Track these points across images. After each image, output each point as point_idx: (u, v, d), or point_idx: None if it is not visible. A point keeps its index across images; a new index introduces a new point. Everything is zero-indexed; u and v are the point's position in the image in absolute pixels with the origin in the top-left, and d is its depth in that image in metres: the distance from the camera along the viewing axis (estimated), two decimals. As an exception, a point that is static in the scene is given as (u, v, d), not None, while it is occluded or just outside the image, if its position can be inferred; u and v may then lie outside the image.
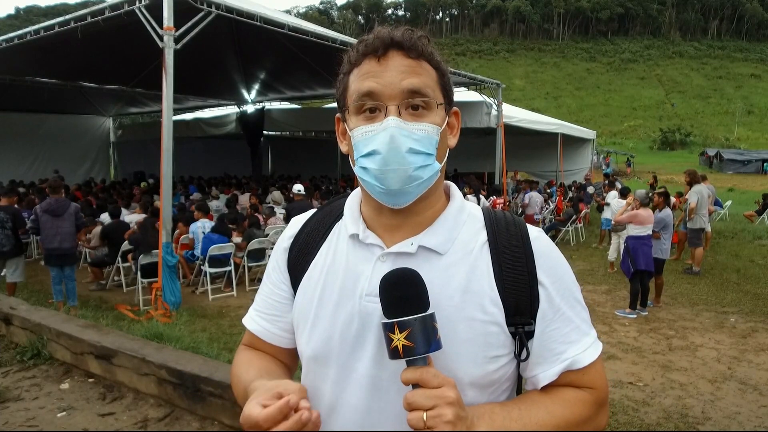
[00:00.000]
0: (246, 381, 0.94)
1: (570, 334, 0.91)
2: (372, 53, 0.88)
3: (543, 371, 0.91)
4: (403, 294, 0.80)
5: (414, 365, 0.78)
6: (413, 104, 0.87)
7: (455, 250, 0.91)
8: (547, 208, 12.77)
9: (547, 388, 0.92)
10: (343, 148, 0.97)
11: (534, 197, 11.87)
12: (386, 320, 0.79)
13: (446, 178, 1.01)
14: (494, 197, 10.73)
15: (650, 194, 7.04)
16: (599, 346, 0.94)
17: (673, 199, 8.45)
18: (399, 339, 0.77)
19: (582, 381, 0.92)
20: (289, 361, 1.06)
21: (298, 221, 1.06)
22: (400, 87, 0.86)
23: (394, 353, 0.78)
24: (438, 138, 0.89)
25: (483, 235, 0.94)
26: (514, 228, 0.95)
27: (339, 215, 1.01)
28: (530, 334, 0.89)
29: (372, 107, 0.88)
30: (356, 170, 0.91)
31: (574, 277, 0.96)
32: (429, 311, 0.80)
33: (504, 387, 0.92)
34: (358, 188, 0.99)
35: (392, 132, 0.85)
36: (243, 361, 1.03)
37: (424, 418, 0.75)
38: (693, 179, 8.86)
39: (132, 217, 8.51)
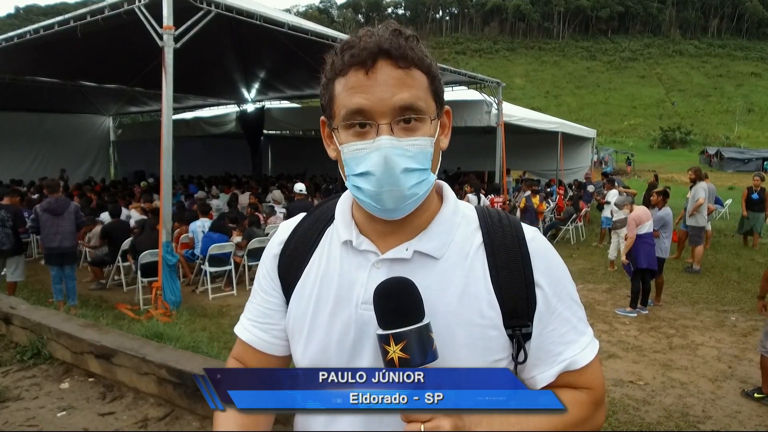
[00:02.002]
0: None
1: (567, 335, 0.91)
2: (359, 65, 0.82)
3: (541, 373, 0.90)
4: (398, 304, 0.79)
5: None
6: (405, 119, 0.83)
7: (451, 254, 0.90)
8: (547, 206, 12.77)
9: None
10: (330, 153, 0.93)
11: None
12: (381, 332, 0.78)
13: (448, 177, 1.00)
14: (492, 196, 10.72)
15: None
16: (596, 345, 0.94)
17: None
18: (395, 351, 0.77)
19: (579, 381, 0.91)
20: None
21: (288, 226, 1.03)
22: (392, 103, 0.81)
23: (389, 365, 0.77)
24: (432, 149, 0.86)
25: (478, 237, 0.92)
26: (510, 228, 0.93)
27: (330, 219, 0.99)
28: (527, 336, 0.88)
29: (362, 123, 0.83)
30: (349, 187, 0.88)
31: (570, 275, 0.95)
32: (424, 321, 0.78)
33: None
34: (348, 191, 0.96)
35: (386, 153, 0.81)
36: None
37: (422, 429, 0.75)
38: (698, 176, 8.90)
39: (132, 213, 8.55)
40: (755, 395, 4.36)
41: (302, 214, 1.05)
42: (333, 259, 0.94)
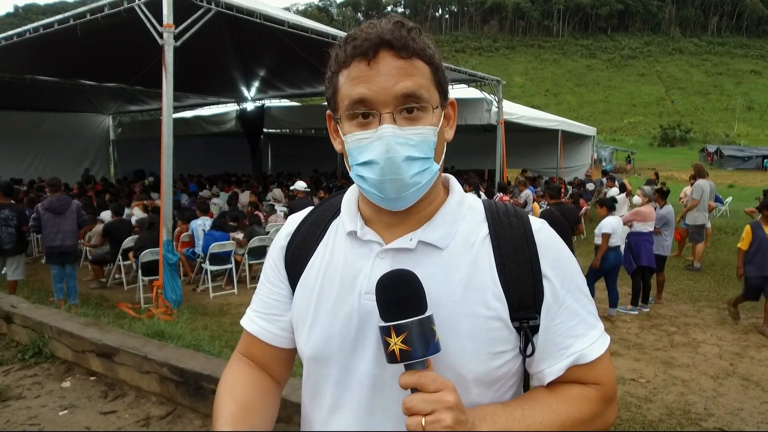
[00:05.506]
0: (221, 416, 0.93)
1: (576, 328, 0.89)
2: (361, 56, 0.83)
3: (549, 366, 0.89)
4: (399, 296, 0.78)
5: (412, 369, 0.76)
6: (408, 108, 0.83)
7: (456, 244, 0.89)
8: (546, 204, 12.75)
9: (552, 386, 0.90)
10: (336, 146, 0.93)
11: (530, 197, 11.90)
12: (383, 324, 0.78)
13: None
14: (500, 194, 10.68)
15: (652, 190, 7.06)
16: (607, 340, 0.92)
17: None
18: (396, 343, 0.76)
19: (589, 376, 0.90)
20: (283, 368, 1.04)
21: (295, 219, 1.04)
22: (394, 92, 0.82)
23: (391, 357, 0.76)
24: (435, 138, 0.86)
25: (484, 228, 0.91)
26: (516, 220, 0.92)
27: (336, 212, 0.99)
28: (535, 329, 0.87)
29: (365, 113, 0.84)
30: (353, 176, 0.88)
31: (579, 268, 0.94)
32: (426, 313, 0.77)
33: (509, 384, 0.90)
34: (355, 185, 0.96)
35: (388, 141, 0.81)
36: (228, 382, 1.00)
37: (423, 423, 0.73)
38: (699, 174, 8.87)
39: (135, 212, 8.57)
40: None
41: (309, 208, 1.06)
42: (337, 249, 0.94)
